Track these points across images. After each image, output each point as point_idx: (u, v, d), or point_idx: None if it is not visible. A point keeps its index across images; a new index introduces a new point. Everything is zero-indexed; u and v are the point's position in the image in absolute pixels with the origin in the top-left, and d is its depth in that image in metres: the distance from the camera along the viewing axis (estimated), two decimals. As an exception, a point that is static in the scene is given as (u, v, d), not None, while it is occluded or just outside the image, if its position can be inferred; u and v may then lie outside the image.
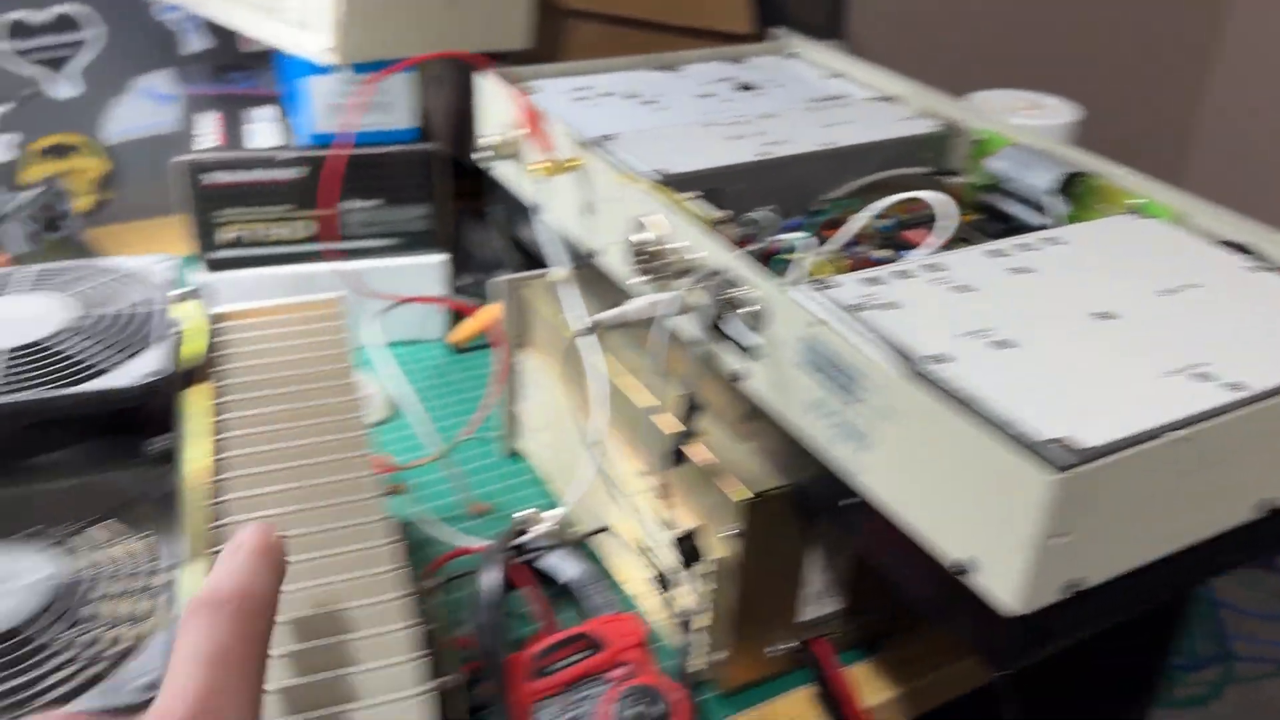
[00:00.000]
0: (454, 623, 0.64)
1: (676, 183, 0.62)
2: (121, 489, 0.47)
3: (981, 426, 0.41)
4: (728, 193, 0.64)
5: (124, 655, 0.39)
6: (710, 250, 0.55)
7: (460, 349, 0.94)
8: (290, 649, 0.42)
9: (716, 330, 0.55)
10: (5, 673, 0.38)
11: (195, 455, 0.51)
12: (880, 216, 0.62)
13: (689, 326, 0.57)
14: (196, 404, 0.54)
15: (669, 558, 0.59)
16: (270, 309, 0.64)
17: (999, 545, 0.41)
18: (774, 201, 0.64)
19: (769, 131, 0.69)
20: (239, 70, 1.03)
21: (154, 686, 0.37)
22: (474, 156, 0.74)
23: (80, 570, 0.42)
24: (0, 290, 0.55)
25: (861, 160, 0.69)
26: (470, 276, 0.98)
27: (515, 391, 0.78)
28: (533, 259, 0.91)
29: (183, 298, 0.61)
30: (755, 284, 0.52)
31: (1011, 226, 0.66)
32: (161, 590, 0.42)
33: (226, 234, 0.84)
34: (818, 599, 0.60)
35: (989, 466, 0.41)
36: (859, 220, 0.60)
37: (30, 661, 0.38)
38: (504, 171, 0.76)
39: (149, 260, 0.57)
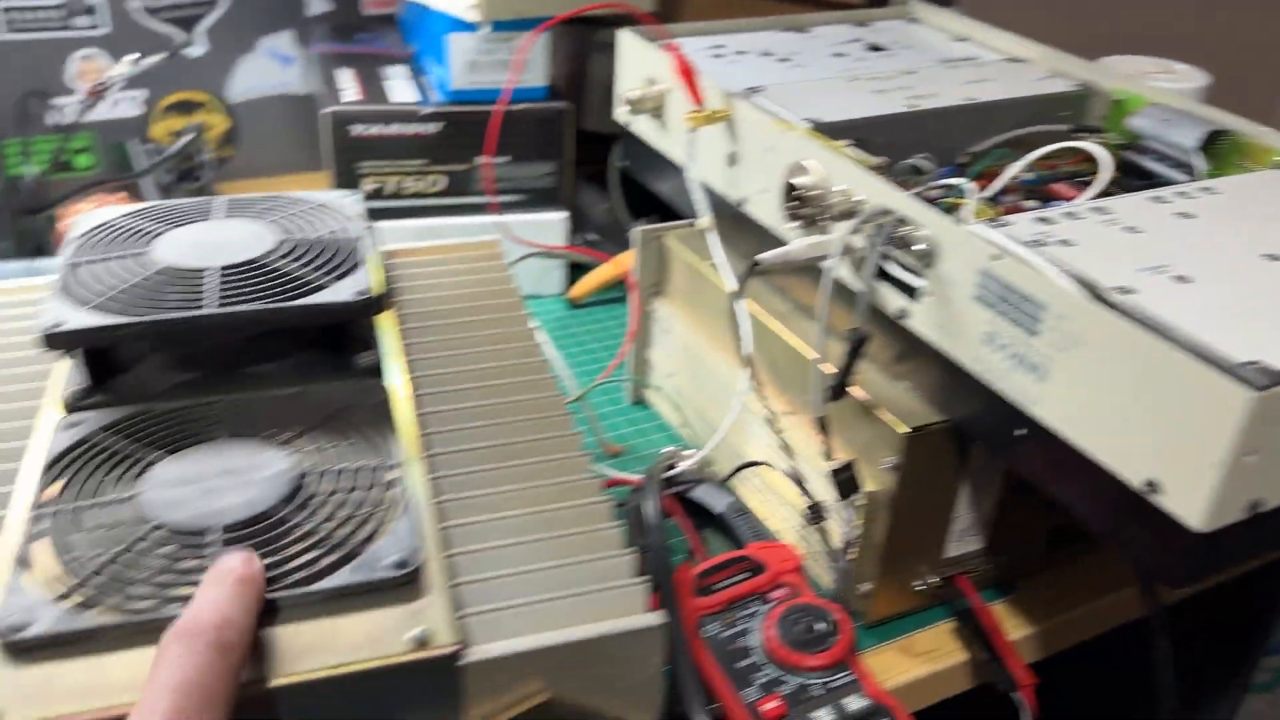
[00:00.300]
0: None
1: (828, 131, 0.64)
2: (336, 398, 0.49)
3: (1178, 350, 0.43)
4: (874, 143, 0.66)
5: (369, 539, 0.42)
6: (875, 193, 0.57)
7: (577, 304, 0.97)
8: (510, 541, 0.44)
9: (879, 270, 0.57)
10: (266, 549, 0.41)
11: (392, 372, 0.53)
12: (1025, 170, 0.64)
13: (848, 268, 0.60)
14: (385, 328, 0.57)
15: (821, 491, 0.61)
16: (435, 249, 0.67)
17: (1189, 465, 0.43)
18: (917, 153, 0.66)
19: (913, 86, 0.71)
20: (362, 32, 1.06)
21: (403, 565, 0.40)
22: (622, 113, 0.76)
23: (316, 465, 0.45)
24: (199, 217, 0.58)
25: (1003, 116, 0.70)
26: (583, 236, 1.01)
27: (647, 339, 0.80)
28: (664, 213, 0.93)
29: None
30: (928, 223, 0.54)
31: (1153, 183, 0.67)
32: (392, 485, 0.44)
33: (366, 186, 0.87)
34: (963, 536, 0.62)
35: (1184, 388, 0.42)
36: (1016, 167, 0.62)
37: (284, 541, 0.41)
38: (642, 126, 0.78)
39: (336, 194, 0.60)
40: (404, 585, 0.40)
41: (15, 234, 0.89)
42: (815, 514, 0.60)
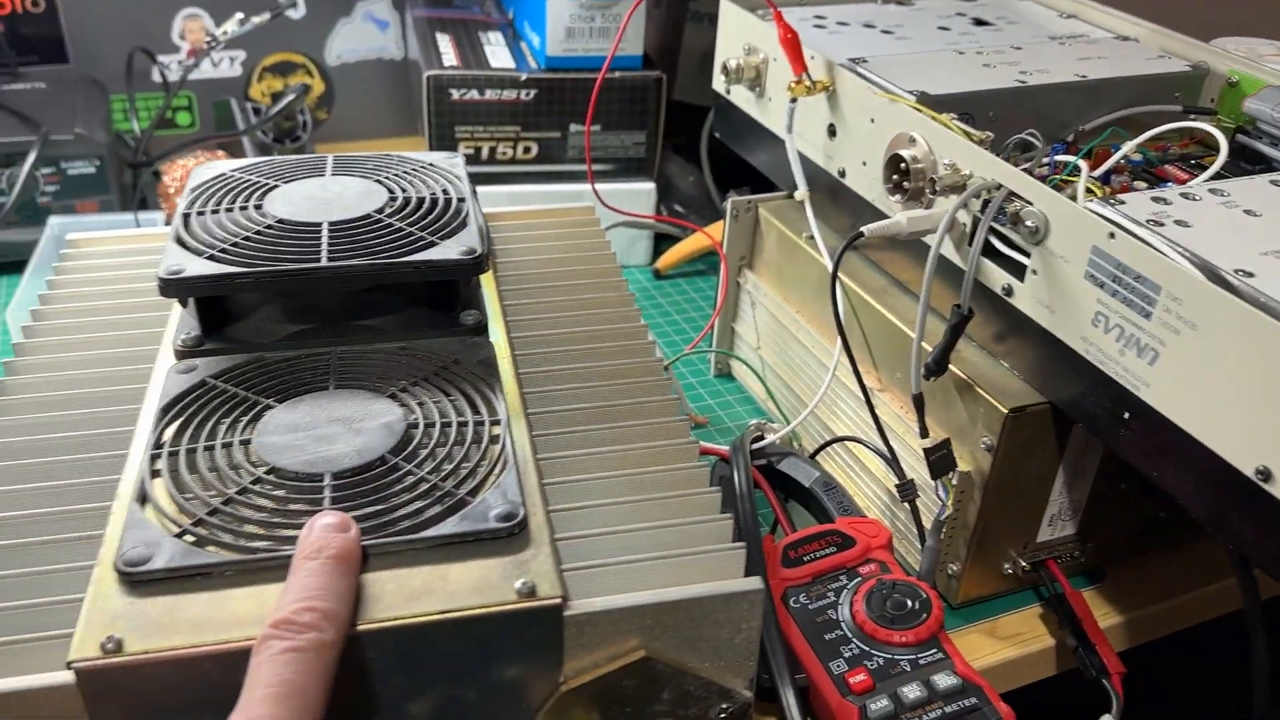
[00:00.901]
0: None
1: (934, 104, 0.63)
2: (443, 353, 0.50)
3: (1303, 335, 0.41)
4: (981, 118, 0.65)
5: (475, 490, 0.42)
6: (984, 167, 0.56)
7: (663, 275, 0.97)
8: (608, 501, 0.45)
9: (984, 247, 0.56)
10: (376, 496, 0.41)
11: (495, 331, 0.54)
12: (1134, 151, 0.62)
13: (950, 244, 0.59)
14: (486, 288, 0.58)
15: (911, 469, 0.60)
16: (532, 212, 0.67)
17: (1309, 453, 0.42)
18: (1024, 130, 0.65)
19: (1021, 62, 0.69)
20: (457, -2, 1.07)
21: (509, 517, 0.41)
22: (719, 82, 0.76)
23: (424, 416, 0.46)
24: (310, 174, 0.59)
25: (1113, 95, 0.68)
26: (670, 208, 1.00)
27: (735, 311, 0.80)
28: (752, 188, 0.93)
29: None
30: (1039, 198, 0.53)
31: (1270, 167, 0.65)
32: (500, 438, 0.45)
33: (461, 150, 0.88)
34: (1055, 521, 0.61)
35: (1308, 374, 0.41)
36: (1128, 146, 0.60)
37: (397, 487, 0.42)
38: (739, 96, 0.78)
39: (441, 156, 0.61)
40: (510, 537, 0.41)
41: (120, 187, 0.91)
42: (906, 492, 0.59)
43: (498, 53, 0.91)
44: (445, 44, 0.92)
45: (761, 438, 0.66)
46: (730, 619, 0.41)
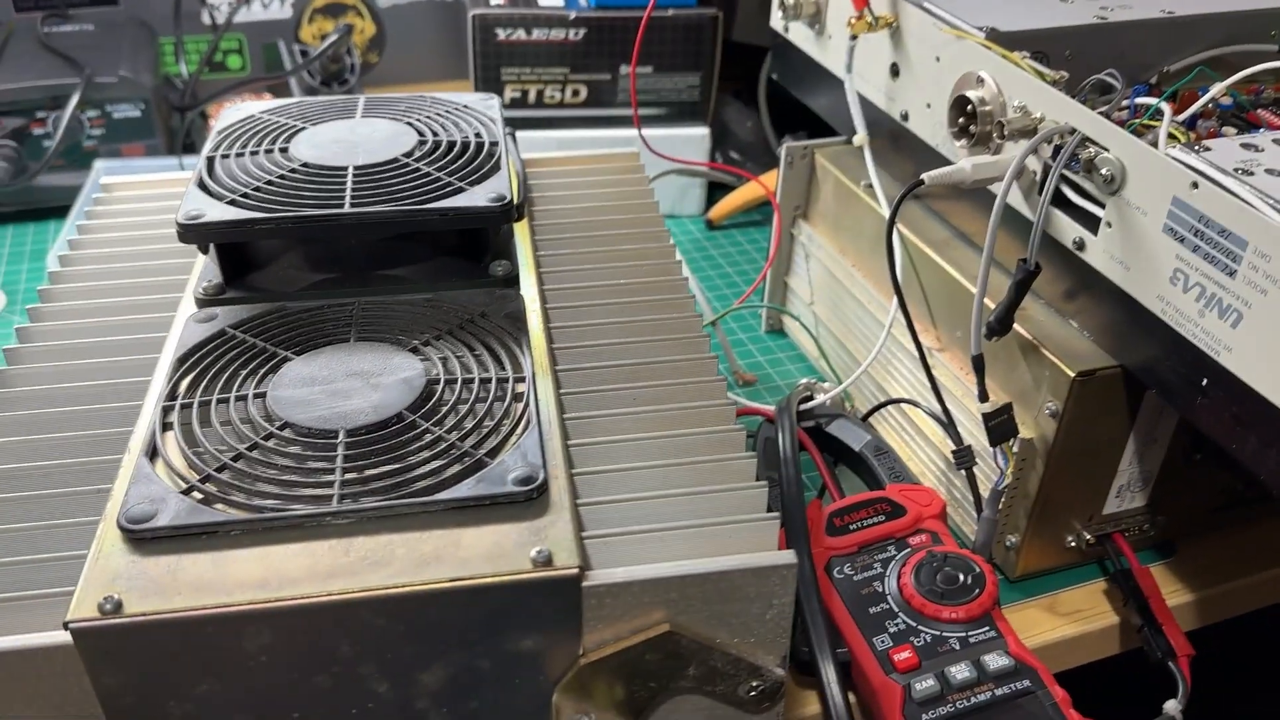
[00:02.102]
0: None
1: (1005, 41, 0.58)
2: (469, 305, 0.48)
3: None
4: (1057, 57, 0.60)
5: (495, 451, 0.40)
6: (1057, 110, 0.52)
7: (715, 225, 0.93)
8: (637, 465, 0.42)
9: (1054, 196, 0.52)
10: (391, 455, 0.39)
11: (526, 282, 0.52)
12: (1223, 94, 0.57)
13: (1018, 193, 0.55)
14: (520, 237, 0.55)
15: (970, 434, 0.57)
16: (574, 159, 0.65)
17: None
18: (1104, 69, 0.60)
19: (1102, -4, 0.64)
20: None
21: (528, 481, 0.38)
22: (776, 19, 0.72)
23: (446, 371, 0.44)
24: (339, 115, 0.56)
25: (1202, 32, 0.63)
26: (725, 154, 0.97)
27: (787, 264, 0.76)
28: (812, 134, 0.89)
29: (505, 134, 0.62)
30: (1116, 144, 0.48)
31: (1377, 112, 0.59)
32: (524, 396, 0.43)
33: (508, 93, 0.85)
34: (1124, 492, 0.57)
35: None
36: (1217, 89, 0.55)
37: (414, 446, 0.40)
38: (797, 34, 0.74)
39: (476, 97, 0.58)
40: (528, 501, 0.38)
41: (166, 131, 0.90)
42: (963, 458, 0.56)
43: (547, -9, 0.88)
44: (493, -18, 0.89)
45: (810, 398, 0.63)
46: (761, 594, 0.38)
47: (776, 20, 0.74)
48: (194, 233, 0.47)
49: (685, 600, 0.38)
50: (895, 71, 0.63)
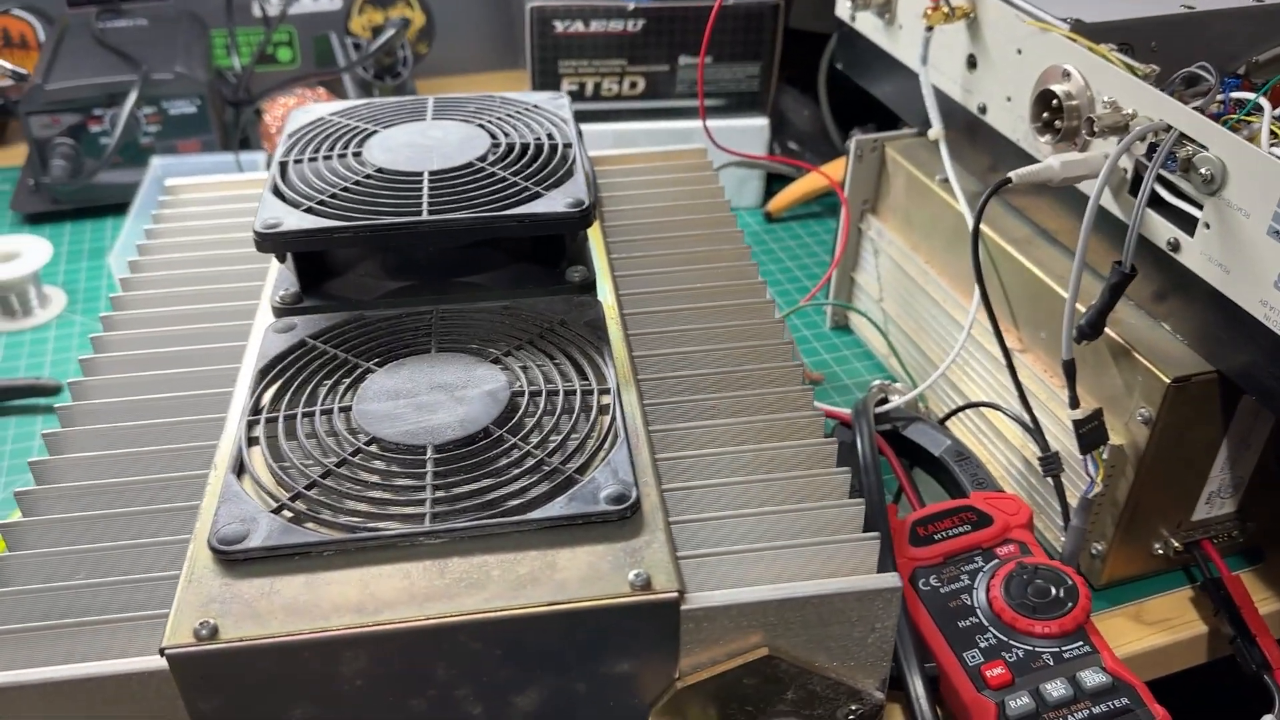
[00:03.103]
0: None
1: (1090, 33, 0.56)
2: (548, 313, 0.47)
3: None
4: (1143, 48, 0.58)
5: (586, 465, 0.39)
6: (1150, 105, 0.50)
7: (775, 218, 0.92)
8: (728, 480, 0.41)
9: (1150, 195, 0.50)
10: (480, 471, 0.39)
11: (603, 288, 0.51)
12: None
13: (1107, 190, 0.53)
14: (593, 240, 0.54)
15: (1056, 440, 0.55)
16: (642, 156, 0.63)
17: None
18: (1190, 62, 0.58)
19: (1188, -16, 0.62)
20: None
21: (621, 499, 0.38)
22: (843, 9, 0.70)
23: (529, 383, 0.43)
24: (410, 117, 0.55)
25: (1294, 21, 0.61)
26: (784, 144, 0.95)
27: (855, 259, 0.75)
28: (876, 124, 0.87)
29: (576, 134, 0.61)
30: (1216, 142, 0.46)
31: None
32: (610, 408, 0.42)
33: (565, 86, 0.84)
34: (1214, 498, 0.55)
35: None
36: (1319, 82, 0.53)
37: (502, 462, 0.39)
38: (866, 24, 0.72)
39: (545, 96, 0.57)
40: (621, 521, 0.37)
41: (221, 126, 0.90)
42: (1050, 466, 0.54)
43: (604, -19, 0.86)
44: (549, -27, 0.88)
45: (885, 400, 0.62)
46: (863, 617, 0.37)
47: (844, 9, 0.72)
48: (272, 241, 0.46)
49: (784, 624, 0.37)
50: (972, 63, 0.62)
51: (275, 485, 0.39)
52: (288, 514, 0.38)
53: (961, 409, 0.62)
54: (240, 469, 0.40)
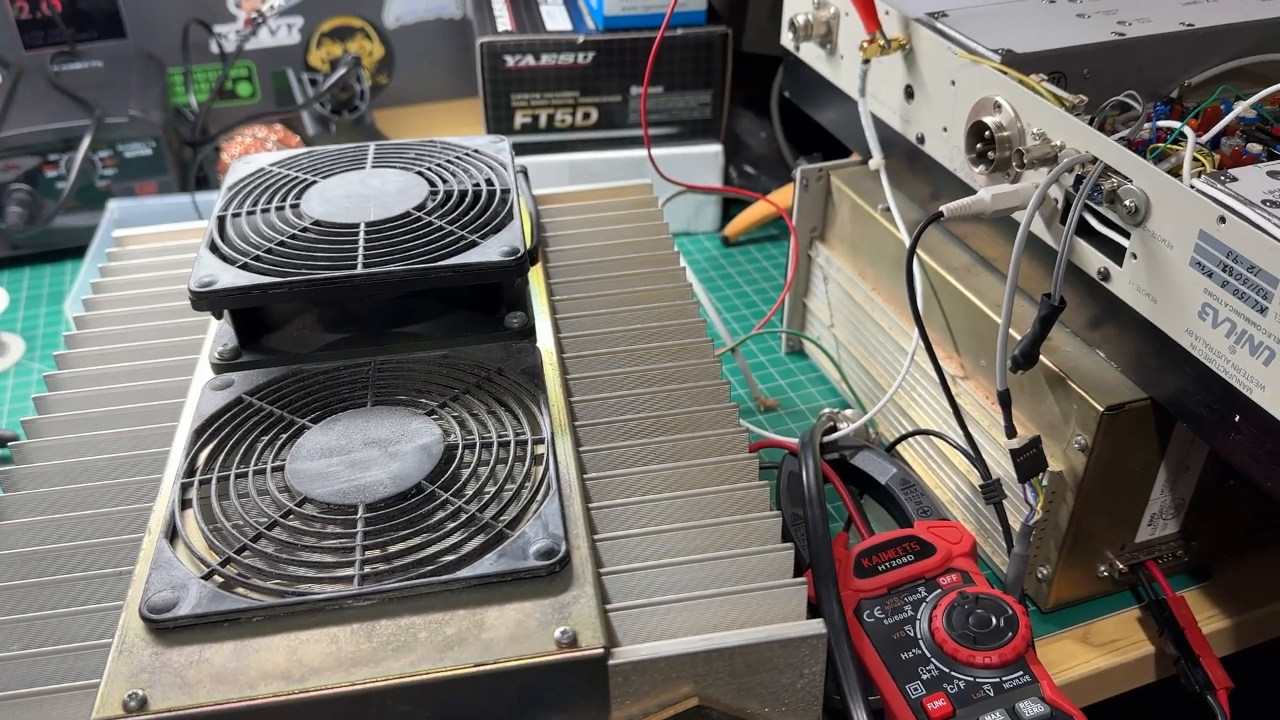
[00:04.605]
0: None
1: (1022, 63, 0.57)
2: (486, 361, 0.47)
3: None
4: (1075, 77, 0.59)
5: (518, 519, 0.39)
6: (1077, 137, 0.50)
7: (732, 243, 0.92)
8: (659, 527, 0.42)
9: (1078, 225, 0.51)
10: (411, 529, 0.39)
11: (542, 332, 0.51)
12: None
13: (1040, 220, 0.54)
14: (534, 283, 0.55)
15: (999, 466, 0.56)
16: (585, 193, 0.64)
17: None
18: (1123, 88, 0.59)
19: (1119, 10, 0.63)
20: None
21: (550, 554, 0.38)
22: (787, 39, 0.71)
23: (465, 435, 0.43)
24: (350, 165, 0.56)
25: (1224, 44, 0.61)
26: (739, 168, 0.96)
27: (806, 286, 0.75)
28: (811, 148, 0.88)
29: (514, 177, 0.62)
30: (1139, 175, 0.47)
31: None
32: (544, 458, 0.42)
33: (518, 119, 0.85)
34: (1156, 520, 0.56)
35: None
36: (1241, 106, 0.54)
37: (434, 519, 0.39)
38: (809, 54, 0.72)
39: (485, 140, 0.57)
40: (550, 576, 0.38)
41: (179, 166, 0.90)
42: (991, 493, 0.55)
43: (555, 14, 0.87)
44: (500, 7, 0.88)
45: (834, 428, 0.62)
46: (790, 664, 0.37)
47: (788, 39, 0.73)
48: (207, 300, 0.46)
49: (713, 673, 0.37)
50: (910, 94, 0.62)
51: (207, 550, 0.39)
52: (219, 579, 0.38)
53: (906, 437, 0.63)
54: (173, 533, 0.40)
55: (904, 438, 0.63)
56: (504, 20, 0.85)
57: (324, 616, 0.37)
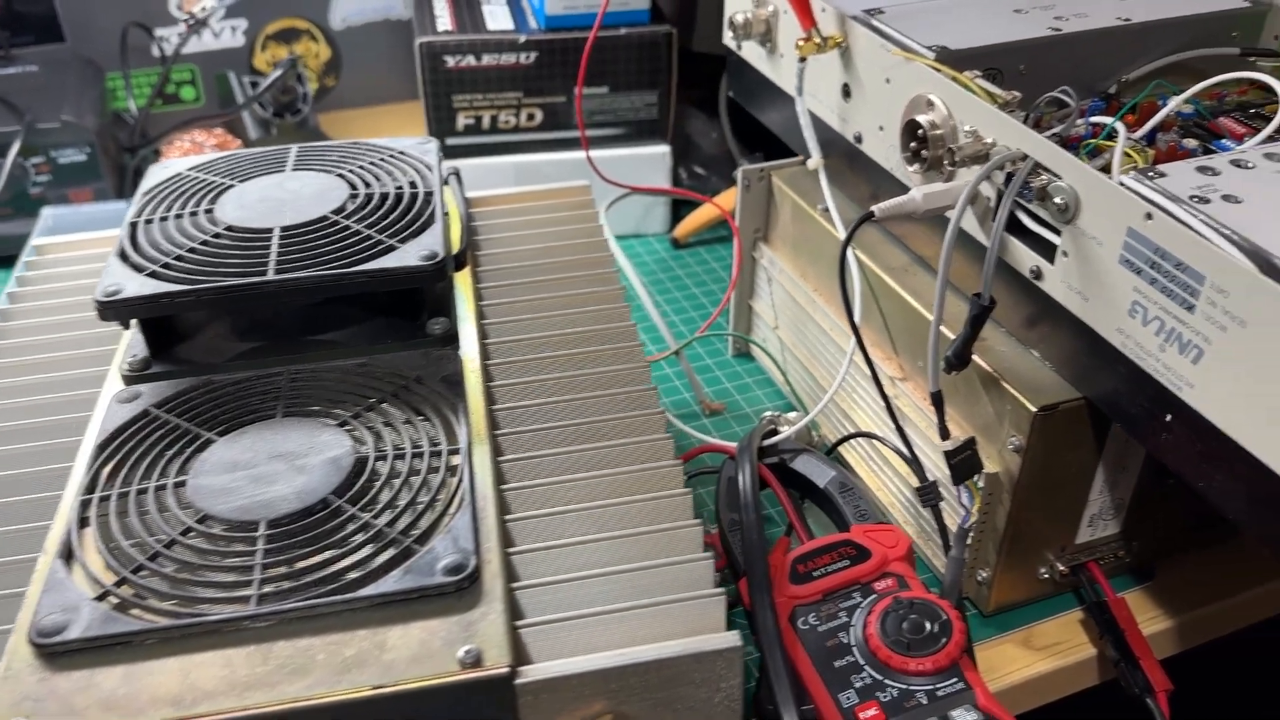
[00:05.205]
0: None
1: (957, 60, 0.56)
2: (406, 369, 0.46)
3: (1371, 338, 0.35)
4: (1012, 73, 0.58)
5: (427, 534, 0.38)
6: (1008, 134, 0.50)
7: (681, 244, 0.91)
8: (578, 539, 0.40)
9: (1009, 223, 0.50)
10: (314, 546, 0.38)
11: (466, 339, 0.50)
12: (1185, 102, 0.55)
13: (973, 218, 0.53)
14: (462, 288, 0.53)
15: (936, 469, 0.55)
16: (521, 195, 0.63)
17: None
18: (1060, 83, 0.58)
19: (1055, 6, 0.62)
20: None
21: (458, 569, 0.37)
22: (727, 37, 0.70)
23: (377, 447, 0.42)
24: (270, 169, 0.54)
25: (1161, 39, 0.61)
26: (689, 169, 0.95)
27: (751, 287, 0.74)
28: (762, 149, 0.87)
29: (443, 181, 0.60)
30: (1067, 171, 0.46)
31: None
32: (458, 470, 0.41)
33: (461, 120, 0.83)
34: (1096, 521, 0.55)
35: (1378, 384, 0.35)
36: (1175, 101, 0.53)
37: (339, 535, 0.38)
38: (750, 52, 0.72)
39: (413, 141, 0.56)
40: (459, 592, 0.37)
41: (117, 172, 0.88)
42: (927, 497, 0.54)
43: (497, 13, 0.86)
44: (441, 7, 0.87)
45: (775, 432, 0.61)
46: (706, 679, 0.36)
47: (729, 38, 0.72)
48: (113, 310, 0.45)
49: (627, 689, 0.36)
50: (847, 92, 0.61)
51: (104, 570, 0.38)
52: (113, 600, 0.36)
53: (845, 440, 0.62)
54: (69, 553, 0.38)
55: (842, 441, 0.62)
56: (444, 20, 0.84)
57: (220, 638, 0.35)
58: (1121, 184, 0.45)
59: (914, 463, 0.55)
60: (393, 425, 0.43)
